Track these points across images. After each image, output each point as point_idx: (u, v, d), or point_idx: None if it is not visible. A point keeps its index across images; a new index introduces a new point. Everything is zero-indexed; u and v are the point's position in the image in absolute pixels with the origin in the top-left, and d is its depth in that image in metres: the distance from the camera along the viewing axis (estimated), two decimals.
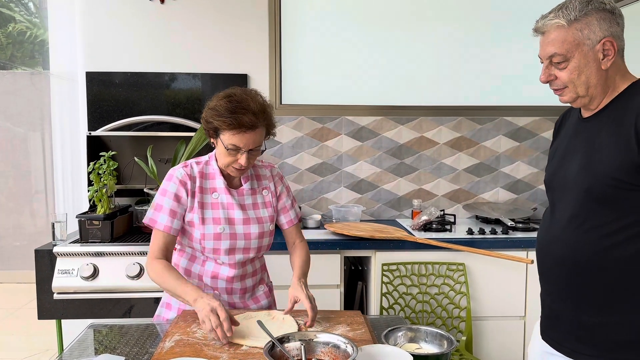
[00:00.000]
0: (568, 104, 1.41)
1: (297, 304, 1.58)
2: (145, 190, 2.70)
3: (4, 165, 5.16)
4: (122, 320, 2.28)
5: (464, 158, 3.12)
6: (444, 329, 2.36)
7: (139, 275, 2.38)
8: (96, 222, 2.45)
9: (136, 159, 2.68)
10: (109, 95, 2.92)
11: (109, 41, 2.93)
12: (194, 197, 1.64)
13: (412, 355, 1.22)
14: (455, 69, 3.12)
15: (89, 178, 2.55)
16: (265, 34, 3.00)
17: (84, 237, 2.47)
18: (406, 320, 1.73)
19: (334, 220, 2.92)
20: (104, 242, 2.46)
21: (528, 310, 2.57)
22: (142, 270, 2.39)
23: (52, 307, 2.41)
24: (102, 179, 2.47)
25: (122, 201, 2.80)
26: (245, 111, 1.54)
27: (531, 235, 2.62)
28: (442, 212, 2.91)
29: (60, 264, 2.39)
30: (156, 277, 1.58)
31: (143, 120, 2.90)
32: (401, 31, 3.09)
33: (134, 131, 2.88)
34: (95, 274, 2.39)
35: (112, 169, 2.48)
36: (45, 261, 2.42)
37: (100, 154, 2.51)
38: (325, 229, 2.73)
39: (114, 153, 2.54)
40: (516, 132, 3.12)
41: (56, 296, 2.38)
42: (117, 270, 2.40)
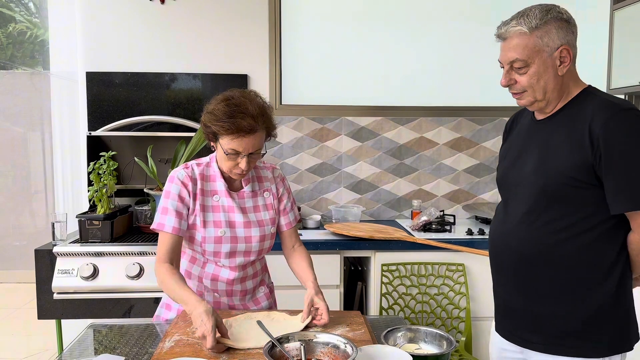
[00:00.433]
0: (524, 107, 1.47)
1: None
2: (145, 190, 2.69)
3: (4, 165, 5.16)
4: (122, 320, 2.29)
5: (464, 158, 3.13)
6: (444, 329, 2.36)
7: (139, 276, 2.39)
8: (96, 222, 2.45)
9: (136, 159, 2.68)
10: (109, 95, 2.92)
11: (109, 41, 2.93)
12: (195, 199, 1.63)
13: (412, 355, 1.22)
14: (455, 70, 3.12)
15: (89, 178, 2.55)
16: (265, 35, 3.00)
17: (83, 237, 2.47)
18: (406, 321, 1.73)
19: (333, 221, 2.92)
20: (104, 242, 2.46)
21: None
22: (142, 270, 2.39)
23: (52, 307, 2.41)
24: (102, 179, 2.47)
25: (122, 201, 2.80)
26: (243, 115, 1.51)
27: None
28: (441, 213, 2.91)
29: (60, 263, 2.39)
30: (160, 283, 1.57)
31: (143, 120, 2.90)
32: (401, 32, 3.10)
33: (134, 131, 2.88)
34: (95, 274, 2.39)
35: (112, 169, 2.48)
36: (45, 261, 2.42)
37: (101, 154, 2.51)
38: (325, 229, 2.73)
39: (114, 153, 2.54)
40: None
41: (56, 296, 2.38)
42: (117, 270, 2.40)
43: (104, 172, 2.47)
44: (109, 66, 2.93)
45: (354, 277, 2.88)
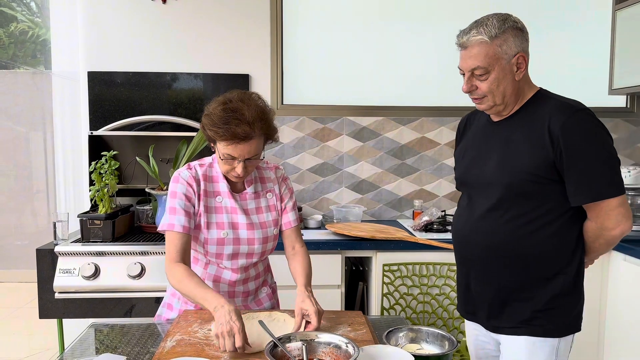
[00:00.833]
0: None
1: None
2: (147, 190, 2.70)
3: (6, 165, 5.16)
4: (123, 319, 2.29)
5: None
6: (445, 329, 2.36)
7: (140, 275, 2.39)
8: (97, 222, 2.46)
9: (138, 158, 2.68)
10: (111, 95, 2.92)
11: (111, 41, 2.93)
12: (199, 199, 1.62)
13: (414, 355, 1.22)
14: (457, 70, 3.11)
15: (90, 177, 2.55)
16: (267, 35, 3.00)
17: (85, 237, 2.47)
18: (407, 321, 1.73)
19: (335, 221, 2.92)
20: (105, 242, 2.46)
21: None
22: (143, 270, 2.39)
23: (53, 307, 2.42)
24: (103, 179, 2.47)
25: (123, 201, 2.81)
26: (238, 122, 1.47)
27: None
28: (443, 213, 2.91)
29: (62, 263, 2.40)
30: (176, 284, 1.53)
31: (144, 120, 2.90)
32: (403, 31, 3.09)
33: (135, 131, 2.88)
34: (97, 273, 2.39)
35: (113, 168, 2.48)
36: (47, 260, 2.42)
37: (102, 153, 2.51)
38: (326, 229, 2.73)
39: (115, 153, 2.55)
40: None
41: (57, 295, 2.38)
42: (118, 269, 2.40)
43: (106, 171, 2.47)
44: (110, 66, 2.93)
45: (355, 277, 2.88)
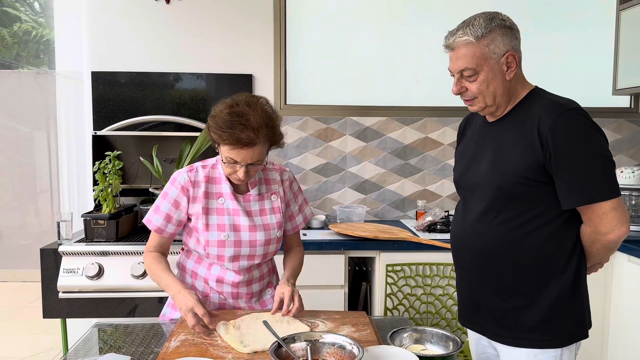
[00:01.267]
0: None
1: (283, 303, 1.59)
2: (151, 189, 2.70)
3: (10, 165, 5.18)
4: (127, 319, 2.29)
5: None
6: (449, 330, 2.35)
7: (144, 275, 2.39)
8: (101, 222, 2.46)
9: (141, 158, 2.69)
10: (115, 95, 2.93)
11: (115, 41, 2.94)
12: (196, 202, 1.63)
13: (418, 356, 1.22)
14: None
15: (94, 177, 2.56)
16: (270, 35, 3.00)
17: (89, 237, 2.48)
18: (411, 321, 1.73)
19: (338, 221, 2.92)
20: (109, 242, 2.46)
21: None
22: None
23: (57, 306, 2.42)
24: (107, 179, 2.48)
25: (127, 201, 2.81)
26: (243, 127, 1.48)
27: None
28: (446, 213, 2.90)
29: (66, 263, 2.40)
30: (147, 270, 1.68)
31: (148, 120, 2.91)
32: (406, 31, 3.09)
33: (139, 131, 2.89)
34: (100, 273, 2.39)
35: (117, 168, 2.49)
36: (51, 260, 2.43)
37: (106, 153, 2.52)
38: (330, 229, 2.73)
39: (119, 153, 2.55)
40: None
41: (61, 295, 2.39)
42: (122, 269, 2.41)
43: (109, 171, 2.47)
44: (114, 66, 2.94)
45: (359, 277, 2.88)
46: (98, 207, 2.62)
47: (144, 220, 1.69)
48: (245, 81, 2.97)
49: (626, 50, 2.85)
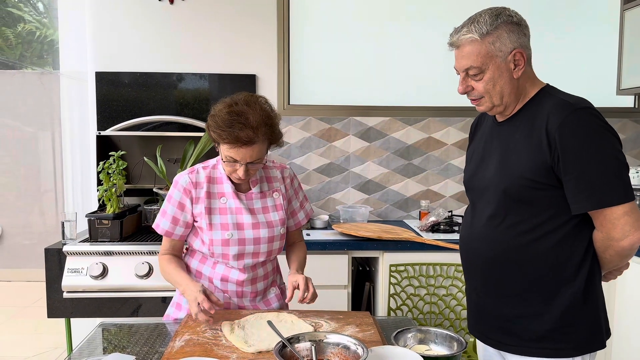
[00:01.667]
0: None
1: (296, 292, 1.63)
2: (155, 190, 2.71)
3: (14, 164, 5.20)
4: (132, 319, 2.30)
5: None
6: (452, 330, 2.35)
7: (148, 275, 2.39)
8: (105, 222, 2.47)
9: (145, 158, 2.69)
10: (118, 95, 2.93)
11: (119, 41, 2.94)
12: (198, 203, 1.64)
13: (422, 356, 1.22)
14: None
15: (98, 177, 2.56)
16: (273, 35, 3.00)
17: (93, 236, 2.48)
18: (414, 322, 1.72)
19: (341, 221, 2.92)
20: (113, 242, 2.47)
21: None
22: (151, 269, 2.40)
23: (61, 306, 2.43)
24: (111, 179, 2.48)
25: (131, 201, 2.82)
26: (242, 126, 1.49)
27: None
28: (450, 213, 2.90)
29: (70, 262, 2.41)
30: (162, 272, 1.71)
31: (152, 120, 2.92)
32: (409, 31, 3.09)
33: (142, 131, 2.89)
34: (105, 273, 2.40)
35: (121, 168, 2.49)
36: (55, 260, 2.44)
37: (110, 153, 2.52)
38: (333, 229, 2.73)
39: (123, 153, 2.56)
40: None
41: (65, 295, 2.39)
42: (126, 269, 2.41)
43: (114, 171, 2.48)
44: (118, 66, 2.94)
45: (362, 277, 2.88)
46: (102, 207, 2.62)
47: (153, 225, 1.73)
48: (249, 81, 2.98)
49: (630, 50, 2.84)
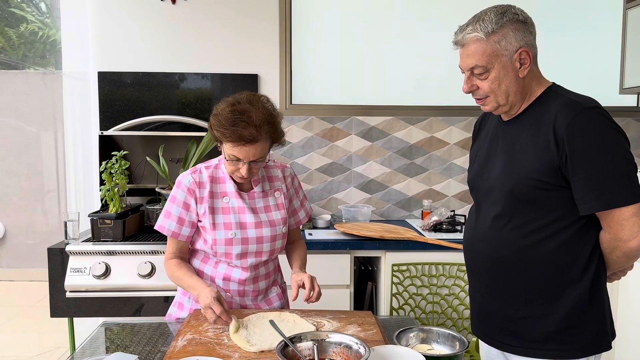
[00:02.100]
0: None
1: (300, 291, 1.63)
2: (157, 189, 2.71)
3: (17, 164, 5.21)
4: (134, 319, 2.30)
5: None
6: (455, 329, 2.35)
7: (150, 274, 2.40)
8: (108, 221, 2.47)
9: (148, 158, 2.70)
10: (121, 95, 2.94)
11: (121, 41, 2.95)
12: (202, 203, 1.64)
13: (424, 356, 1.22)
14: None
15: (100, 177, 2.57)
16: (275, 34, 3.00)
17: (96, 236, 2.49)
18: (417, 321, 1.72)
19: (343, 220, 2.92)
20: (116, 241, 2.47)
21: None
22: (153, 269, 2.41)
23: (64, 305, 2.43)
24: (114, 178, 2.49)
25: (133, 200, 2.82)
26: (245, 124, 1.50)
27: None
28: (452, 213, 2.90)
29: (73, 262, 2.41)
30: (170, 276, 1.68)
31: (154, 120, 2.92)
32: (412, 31, 3.09)
33: (145, 131, 2.90)
34: (107, 272, 2.40)
35: (123, 168, 2.50)
36: (58, 259, 2.44)
37: (112, 153, 2.53)
38: (335, 229, 2.73)
39: (125, 152, 2.56)
40: None
41: (68, 294, 2.40)
42: (128, 269, 2.42)
43: (116, 171, 2.48)
44: (120, 66, 2.95)
45: (364, 277, 2.88)
46: (105, 206, 2.63)
47: (156, 227, 1.68)
48: (251, 81, 2.98)
49: (633, 49, 2.84)
